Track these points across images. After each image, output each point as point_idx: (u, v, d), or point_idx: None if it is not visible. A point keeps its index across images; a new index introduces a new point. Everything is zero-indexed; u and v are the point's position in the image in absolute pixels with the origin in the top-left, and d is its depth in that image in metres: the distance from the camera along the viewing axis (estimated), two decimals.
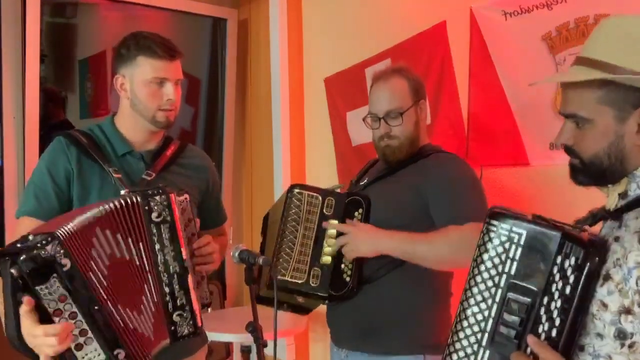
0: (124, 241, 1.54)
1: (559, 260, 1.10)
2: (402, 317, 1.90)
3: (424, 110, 2.01)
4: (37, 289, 1.35)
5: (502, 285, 1.17)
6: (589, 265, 1.08)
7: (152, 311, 1.56)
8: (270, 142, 3.63)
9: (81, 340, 1.41)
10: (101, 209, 1.52)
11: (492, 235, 1.19)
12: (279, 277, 1.83)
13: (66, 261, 1.39)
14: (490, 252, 1.19)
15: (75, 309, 1.40)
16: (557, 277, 1.10)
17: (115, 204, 1.55)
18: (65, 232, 1.42)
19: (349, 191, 2.03)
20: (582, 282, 1.07)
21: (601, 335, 1.08)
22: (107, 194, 1.71)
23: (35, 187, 1.78)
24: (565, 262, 1.10)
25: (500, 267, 1.18)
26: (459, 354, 1.20)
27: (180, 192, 1.73)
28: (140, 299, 1.55)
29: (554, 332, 1.09)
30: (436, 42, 2.64)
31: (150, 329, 1.55)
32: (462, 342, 1.20)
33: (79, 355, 1.41)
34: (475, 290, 1.20)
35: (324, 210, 1.90)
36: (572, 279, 1.08)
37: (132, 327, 1.51)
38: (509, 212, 1.20)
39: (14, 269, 1.34)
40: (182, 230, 1.62)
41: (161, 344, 1.57)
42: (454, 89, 2.59)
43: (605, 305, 1.07)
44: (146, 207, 1.57)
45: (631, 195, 1.14)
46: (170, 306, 1.57)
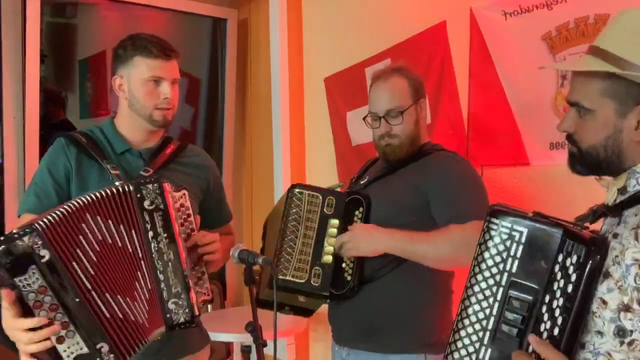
0: (116, 228, 1.55)
1: (560, 258, 1.10)
2: (403, 315, 1.90)
3: (424, 109, 2.02)
4: (15, 280, 1.35)
5: (504, 283, 1.16)
6: (590, 263, 1.07)
7: (146, 298, 1.57)
8: (270, 142, 3.63)
9: (63, 332, 1.40)
10: (92, 196, 1.53)
11: (493, 233, 1.19)
12: (280, 276, 1.83)
13: (45, 252, 1.38)
14: (491, 250, 1.19)
15: (55, 300, 1.39)
16: (558, 276, 1.10)
17: (106, 192, 1.56)
18: (45, 223, 1.41)
19: (349, 190, 2.03)
20: (584, 280, 1.07)
21: (601, 332, 1.08)
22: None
23: (35, 186, 1.81)
24: (567, 260, 1.09)
25: (501, 265, 1.17)
26: (461, 352, 1.20)
27: (178, 188, 1.74)
28: (133, 285, 1.56)
29: (556, 331, 1.09)
30: (436, 42, 2.64)
31: (144, 315, 1.55)
32: (464, 340, 1.20)
33: (61, 348, 1.40)
34: (476, 288, 1.20)
35: (325, 209, 1.90)
36: (574, 278, 1.08)
37: (122, 314, 1.51)
38: (509, 210, 1.20)
39: None
40: (176, 219, 1.62)
41: (156, 331, 1.57)
42: (454, 89, 2.59)
43: (605, 302, 1.07)
44: (138, 195, 1.58)
45: (630, 191, 1.14)
46: (165, 294, 1.57)
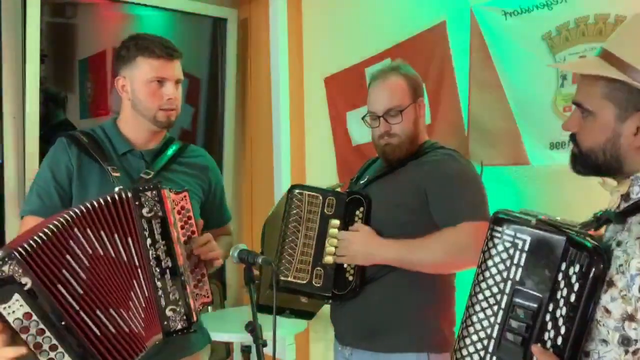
0: (109, 238, 1.55)
1: (563, 266, 1.09)
2: (405, 315, 1.90)
3: (422, 107, 2.02)
4: (0, 308, 1.35)
5: (508, 291, 1.16)
6: (593, 272, 1.06)
7: (143, 306, 1.57)
8: (270, 141, 3.63)
9: (52, 355, 1.40)
10: (83, 208, 1.53)
11: (497, 241, 1.18)
12: (281, 278, 1.83)
13: (26, 280, 1.38)
14: (494, 258, 1.18)
15: (41, 325, 1.39)
16: (562, 284, 1.09)
17: (101, 201, 1.56)
18: (27, 248, 1.40)
19: (350, 190, 2.03)
20: (587, 289, 1.06)
21: (606, 341, 1.07)
22: (106, 192, 1.72)
23: (38, 187, 1.81)
24: (570, 269, 1.08)
25: (505, 274, 1.17)
26: None
27: (179, 190, 1.74)
28: (128, 295, 1.56)
29: (560, 340, 1.08)
30: (436, 42, 2.64)
31: (140, 324, 1.55)
32: (469, 348, 1.20)
33: None
34: (480, 296, 1.20)
35: (325, 210, 1.90)
36: (577, 287, 1.07)
37: (114, 329, 1.51)
38: (513, 217, 1.19)
39: None
40: (174, 225, 1.63)
41: (154, 338, 1.57)
42: (454, 88, 2.59)
43: (608, 311, 1.06)
44: (137, 203, 1.58)
45: (633, 198, 1.13)
46: (162, 301, 1.57)
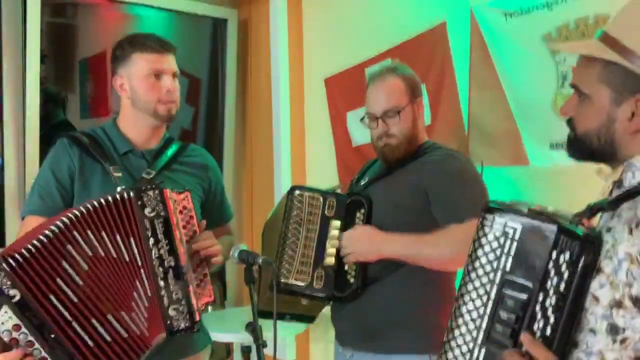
0: (110, 238, 1.55)
1: (554, 255, 1.07)
2: (407, 316, 1.90)
3: (421, 108, 2.02)
4: None
5: (498, 281, 1.13)
6: (583, 260, 1.04)
7: (146, 306, 1.57)
8: (270, 142, 3.63)
9: None
10: (83, 209, 1.53)
11: (487, 230, 1.16)
12: (282, 280, 1.83)
13: (14, 292, 1.37)
14: (485, 247, 1.16)
15: (31, 337, 1.38)
16: (552, 273, 1.07)
17: (102, 201, 1.56)
18: (18, 258, 1.39)
19: (350, 192, 2.03)
20: (576, 278, 1.04)
21: (594, 330, 1.05)
22: (108, 192, 1.72)
23: (39, 187, 1.82)
24: (560, 257, 1.06)
25: (495, 263, 1.14)
26: (455, 352, 1.17)
27: (181, 190, 1.74)
28: (130, 296, 1.56)
29: (549, 330, 1.06)
30: (436, 42, 2.64)
31: (143, 324, 1.55)
32: (458, 339, 1.17)
33: None
34: (470, 287, 1.17)
35: (326, 211, 1.90)
36: (566, 275, 1.05)
37: (111, 337, 1.50)
38: (504, 205, 1.16)
39: None
40: (176, 224, 1.63)
41: (158, 337, 1.57)
42: (454, 89, 2.59)
43: (596, 298, 1.04)
44: (139, 202, 1.58)
45: (626, 185, 1.11)
46: (165, 300, 1.57)
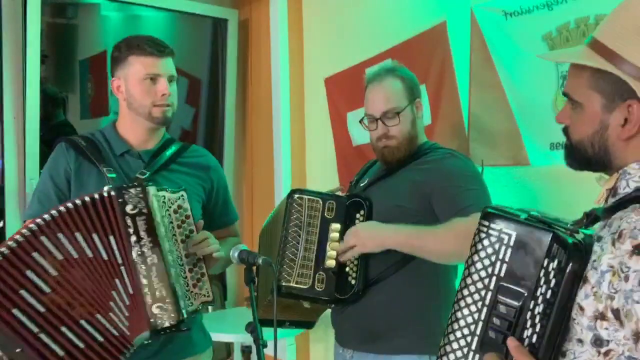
0: (86, 238, 1.54)
1: (545, 263, 1.06)
2: (408, 316, 1.89)
3: (420, 108, 2.01)
4: None
5: (492, 287, 1.13)
6: (570, 268, 1.03)
7: (127, 304, 1.56)
8: (270, 142, 3.62)
9: None
10: (55, 212, 1.53)
11: (483, 235, 1.15)
12: (283, 283, 1.83)
13: None
14: (480, 253, 1.15)
15: None
16: (542, 281, 1.06)
17: (79, 201, 1.56)
18: None
19: (350, 193, 2.03)
20: (562, 286, 1.03)
21: (581, 341, 1.04)
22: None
23: (38, 192, 1.84)
24: (550, 265, 1.06)
25: (490, 269, 1.13)
26: (450, 356, 1.17)
27: (176, 189, 1.74)
28: (108, 295, 1.55)
29: (535, 338, 1.05)
30: (437, 42, 2.64)
31: (123, 323, 1.55)
32: (453, 344, 1.16)
33: None
34: (466, 292, 1.16)
35: (326, 214, 1.89)
36: (553, 283, 1.04)
37: (84, 342, 1.49)
38: (501, 211, 1.16)
39: None
40: (161, 222, 1.62)
41: (140, 335, 1.57)
42: (454, 89, 2.59)
43: (582, 309, 1.03)
44: (120, 200, 1.58)
45: (620, 193, 1.09)
46: (148, 298, 1.56)
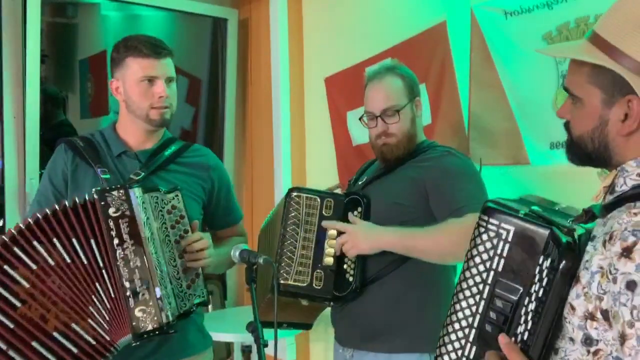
0: (64, 244, 1.54)
1: (541, 260, 1.07)
2: (406, 315, 1.90)
3: (419, 107, 2.02)
4: None
5: (490, 281, 1.13)
6: (562, 267, 1.03)
7: (108, 308, 1.56)
8: (270, 142, 3.62)
9: None
10: (31, 220, 1.53)
11: (482, 230, 1.16)
12: (281, 281, 1.83)
13: None
14: (479, 247, 1.16)
15: None
16: (536, 278, 1.07)
17: (57, 207, 1.56)
18: None
19: (348, 191, 2.03)
20: (553, 284, 1.04)
21: (573, 339, 1.04)
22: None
23: (38, 194, 1.86)
24: (544, 263, 1.06)
25: (488, 264, 1.14)
26: (448, 347, 1.19)
27: (170, 189, 1.75)
28: (88, 300, 1.55)
29: (526, 335, 1.06)
30: (437, 42, 2.63)
31: (104, 328, 1.55)
32: (451, 335, 1.18)
33: None
34: (464, 285, 1.17)
35: (323, 211, 1.90)
36: (545, 282, 1.05)
37: (58, 354, 1.48)
38: (501, 206, 1.16)
39: None
40: (145, 224, 1.62)
41: (123, 339, 1.57)
42: (454, 88, 2.59)
43: (573, 308, 1.03)
44: (102, 203, 1.58)
45: (617, 191, 1.09)
46: (131, 302, 1.55)
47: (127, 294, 1.55)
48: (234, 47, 3.79)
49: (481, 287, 1.15)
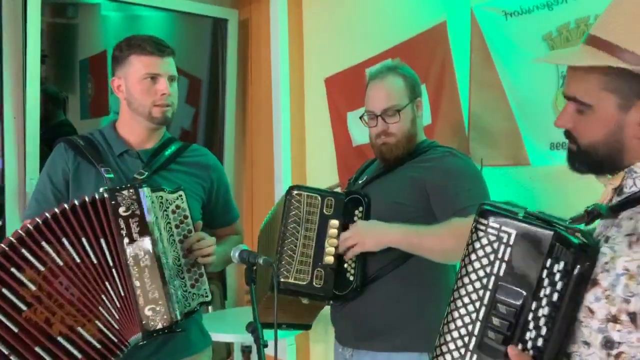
0: (73, 243, 1.54)
1: (548, 263, 1.04)
2: (406, 314, 1.90)
3: (420, 107, 2.02)
4: None
5: (491, 287, 1.09)
6: (578, 270, 1.01)
7: (118, 307, 1.56)
8: (271, 142, 3.62)
9: None
10: (39, 220, 1.52)
11: (481, 234, 1.12)
12: (282, 279, 1.83)
13: None
14: (478, 252, 1.12)
15: None
16: (545, 282, 1.04)
17: (66, 206, 1.56)
18: None
19: (348, 190, 2.03)
20: (570, 288, 1.01)
21: (588, 343, 1.02)
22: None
23: (36, 192, 1.85)
24: (554, 266, 1.03)
25: (488, 268, 1.10)
26: (446, 357, 1.14)
27: (174, 189, 1.75)
28: (97, 300, 1.55)
29: (540, 341, 1.03)
30: (437, 42, 2.64)
31: (112, 327, 1.55)
32: (449, 344, 1.13)
33: None
34: (463, 291, 1.13)
35: (324, 210, 1.90)
36: (560, 285, 1.02)
37: (84, 343, 1.48)
38: (499, 209, 1.13)
39: None
40: (155, 223, 1.62)
41: (133, 338, 1.57)
42: (454, 89, 2.59)
43: (592, 311, 1.01)
44: (113, 202, 1.58)
45: (626, 192, 1.07)
46: (141, 300, 1.56)
47: (137, 292, 1.56)
48: (234, 48, 3.79)
49: (481, 293, 1.11)
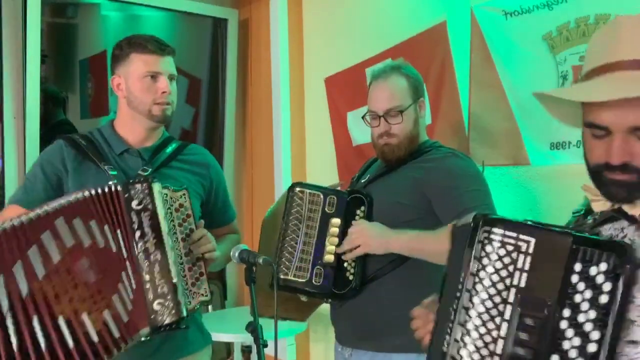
0: (99, 228, 1.55)
1: (578, 267, 1.02)
2: (406, 314, 1.89)
3: (423, 108, 2.01)
4: None
5: (512, 300, 1.04)
6: (629, 269, 1.00)
7: (131, 298, 1.56)
8: (270, 142, 3.63)
9: None
10: (72, 198, 1.53)
11: (496, 244, 1.06)
12: (281, 276, 1.83)
13: None
14: (496, 264, 1.06)
15: None
16: (581, 286, 1.01)
17: (91, 192, 1.56)
18: None
19: (351, 189, 2.03)
20: (620, 289, 1.00)
21: (635, 342, 1.01)
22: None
23: (26, 180, 1.86)
24: (590, 269, 1.01)
25: (508, 281, 1.05)
26: None
27: (178, 188, 1.75)
28: (114, 288, 1.55)
29: (593, 346, 1.00)
30: (437, 42, 2.64)
31: (125, 316, 1.55)
32: None
33: None
34: (481, 308, 1.06)
35: (326, 208, 1.90)
36: (607, 287, 1.00)
37: (51, 340, 1.45)
38: (505, 218, 1.09)
39: None
40: (165, 219, 1.62)
41: (139, 332, 1.56)
42: (454, 89, 2.59)
43: None
44: (126, 195, 1.58)
45: None
46: (150, 294, 1.56)
47: (147, 286, 1.56)
48: (234, 48, 3.79)
49: (501, 308, 1.04)
